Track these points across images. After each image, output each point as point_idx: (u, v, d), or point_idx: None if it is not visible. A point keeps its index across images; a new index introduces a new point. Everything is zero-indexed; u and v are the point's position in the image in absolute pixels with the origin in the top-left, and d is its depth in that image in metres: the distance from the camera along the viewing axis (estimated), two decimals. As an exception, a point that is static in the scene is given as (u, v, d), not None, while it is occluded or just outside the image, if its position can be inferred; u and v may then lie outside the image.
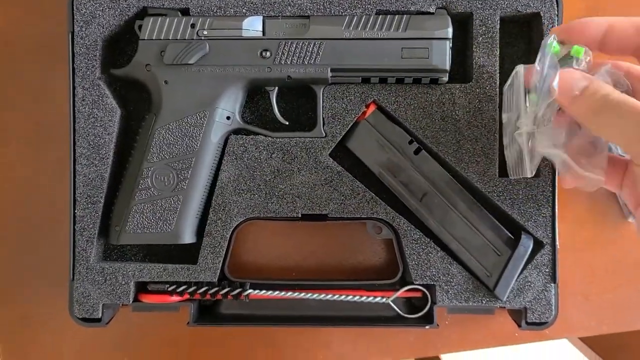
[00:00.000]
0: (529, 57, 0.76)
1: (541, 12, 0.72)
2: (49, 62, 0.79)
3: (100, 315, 0.72)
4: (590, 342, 1.06)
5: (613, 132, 0.52)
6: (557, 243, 0.72)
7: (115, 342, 0.80)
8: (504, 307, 0.73)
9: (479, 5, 0.72)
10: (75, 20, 0.72)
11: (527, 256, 0.72)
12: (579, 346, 1.09)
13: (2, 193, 0.80)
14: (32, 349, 0.80)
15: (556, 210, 0.72)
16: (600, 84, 0.54)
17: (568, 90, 0.55)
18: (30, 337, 0.80)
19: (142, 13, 0.72)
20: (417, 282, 0.73)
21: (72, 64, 0.72)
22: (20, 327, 0.80)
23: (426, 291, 0.74)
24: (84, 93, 0.72)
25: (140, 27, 0.71)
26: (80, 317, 0.72)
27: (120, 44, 0.77)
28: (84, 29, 0.72)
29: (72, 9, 0.72)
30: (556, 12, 0.72)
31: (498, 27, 0.72)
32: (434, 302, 0.73)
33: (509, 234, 0.72)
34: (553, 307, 0.72)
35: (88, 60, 0.72)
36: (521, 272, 0.72)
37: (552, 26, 0.72)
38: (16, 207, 0.80)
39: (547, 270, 0.72)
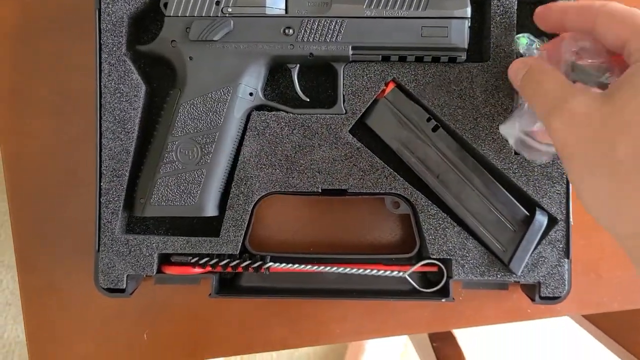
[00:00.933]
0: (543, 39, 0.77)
1: (558, -7, 0.73)
2: (74, 35, 0.81)
3: (124, 285, 0.74)
4: (598, 322, 1.08)
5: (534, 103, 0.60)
6: (571, 219, 0.74)
7: (137, 313, 0.82)
8: (518, 282, 0.75)
9: (497, -14, 0.73)
10: (102, -3, 0.73)
11: (541, 232, 0.73)
12: (585, 326, 1.11)
13: (26, 162, 0.82)
14: (56, 317, 0.82)
15: (570, 187, 0.74)
16: (534, 66, 0.61)
17: (514, 79, 0.64)
18: (54, 305, 0.82)
19: (168, -10, 0.74)
20: (433, 257, 0.75)
21: (99, 40, 0.74)
22: (45, 295, 0.82)
23: (442, 265, 0.76)
24: (110, 69, 0.74)
25: (165, 4, 0.73)
26: (105, 287, 0.74)
27: (145, 22, 0.78)
28: (110, 6, 0.74)
29: (99, -14, 0.73)
30: (573, -7, 0.73)
31: (516, 7, 0.74)
32: (449, 277, 0.75)
33: (524, 210, 0.74)
34: (566, 282, 0.74)
35: (114, 36, 0.74)
36: (535, 248, 0.74)
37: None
38: (39, 176, 0.82)
39: (561, 245, 0.74)
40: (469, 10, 0.72)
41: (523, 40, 0.70)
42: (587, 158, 0.52)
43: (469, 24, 0.72)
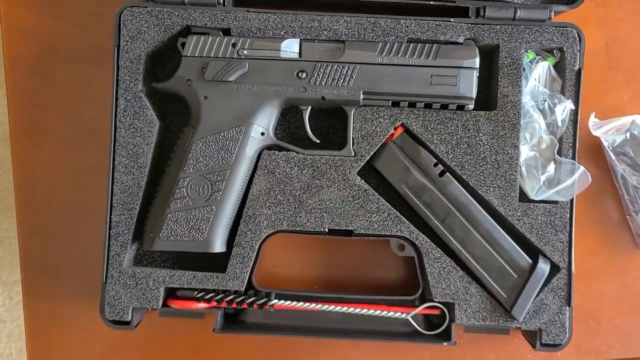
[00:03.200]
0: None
1: (564, 47, 0.76)
2: (91, 69, 0.83)
3: (129, 318, 0.75)
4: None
5: None
6: (573, 268, 0.75)
7: (141, 345, 0.82)
8: (520, 328, 0.76)
9: (506, 38, 0.76)
10: (121, 35, 0.75)
11: (543, 279, 0.74)
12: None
13: (38, 191, 0.83)
14: (58, 347, 0.82)
15: (573, 236, 0.75)
16: None
17: None
18: (57, 333, 0.82)
19: (186, 31, 0.76)
20: (436, 300, 0.75)
21: (117, 76, 0.75)
22: (49, 324, 0.82)
23: (445, 309, 0.77)
24: (126, 104, 0.75)
25: (182, 44, 0.75)
26: (111, 319, 0.75)
27: (162, 59, 0.80)
28: (129, 44, 0.76)
29: (119, 24, 0.75)
30: (579, 48, 0.76)
31: (523, 59, 0.76)
32: (452, 320, 0.76)
33: (527, 257, 0.75)
34: (567, 330, 0.75)
35: (131, 73, 0.76)
36: (537, 295, 0.75)
37: (575, 61, 0.75)
38: (50, 205, 0.83)
39: (562, 293, 0.75)
40: (477, 60, 0.74)
41: (530, 55, 0.73)
42: None
43: (477, 74, 0.74)
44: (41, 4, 0.84)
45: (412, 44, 0.74)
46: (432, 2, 0.76)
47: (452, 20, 0.76)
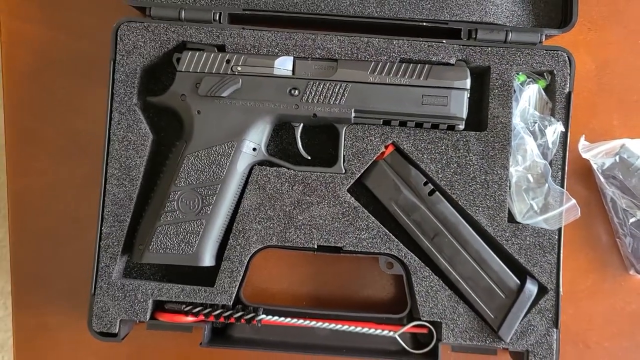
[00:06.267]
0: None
1: (554, 70, 0.76)
2: (85, 81, 0.84)
3: (117, 330, 0.75)
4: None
5: None
6: (561, 289, 0.75)
7: (128, 358, 0.82)
8: (507, 349, 0.76)
9: (497, 60, 0.76)
10: (118, 49, 0.76)
11: (531, 300, 0.74)
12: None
13: (30, 201, 0.84)
14: (46, 358, 0.82)
15: (562, 257, 0.75)
16: None
17: None
18: (46, 345, 0.82)
19: (181, 47, 0.77)
20: (424, 319, 0.75)
21: (112, 90, 0.76)
22: (38, 335, 0.82)
23: (432, 328, 0.76)
24: (120, 117, 0.76)
25: (178, 59, 0.76)
26: (98, 331, 0.75)
27: (157, 74, 0.81)
28: (125, 58, 0.76)
29: (116, 39, 0.76)
30: (569, 71, 0.76)
31: (513, 81, 0.77)
32: (439, 339, 0.76)
33: (515, 278, 0.75)
34: (555, 352, 0.75)
35: (126, 87, 0.76)
36: (525, 316, 0.74)
37: (565, 84, 0.76)
38: (42, 216, 0.83)
39: (550, 315, 0.75)
40: (468, 81, 0.75)
41: (521, 78, 0.75)
42: None
43: (468, 95, 0.75)
44: (40, 16, 0.85)
45: (404, 64, 0.75)
46: (424, 24, 0.77)
47: (444, 41, 0.76)
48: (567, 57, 0.76)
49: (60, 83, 0.85)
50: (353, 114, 0.75)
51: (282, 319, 0.76)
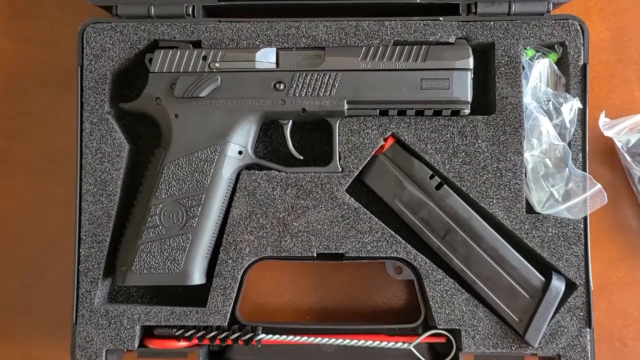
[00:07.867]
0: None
1: (566, 42, 0.70)
2: (58, 93, 0.79)
3: (103, 361, 0.69)
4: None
5: None
6: (592, 284, 0.69)
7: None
8: (536, 354, 0.69)
9: (501, 35, 0.70)
10: (84, 54, 0.71)
11: (559, 299, 0.68)
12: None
13: (7, 225, 0.79)
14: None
15: (589, 248, 0.69)
16: None
17: None
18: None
19: (153, 46, 0.71)
20: (440, 327, 0.69)
21: (81, 98, 0.71)
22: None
23: (451, 336, 0.70)
24: (92, 128, 0.70)
25: (150, 59, 0.70)
26: (82, 363, 0.69)
27: (130, 77, 0.75)
28: (93, 63, 0.71)
29: (82, 43, 0.71)
30: (582, 42, 0.70)
31: (521, 57, 0.70)
32: (459, 349, 0.70)
33: (539, 275, 0.69)
34: (589, 354, 0.68)
35: (97, 94, 0.71)
36: (553, 316, 0.68)
37: (579, 56, 0.70)
38: (20, 240, 0.79)
39: (581, 313, 0.68)
40: (471, 60, 0.68)
41: (529, 52, 0.70)
42: None
43: (472, 75, 0.68)
44: (5, 27, 0.81)
45: (398, 47, 0.69)
46: (418, 1, 0.71)
47: (441, 18, 0.71)
48: (579, 26, 0.70)
49: (32, 97, 0.80)
50: (346, 106, 0.69)
51: (284, 337, 0.70)
